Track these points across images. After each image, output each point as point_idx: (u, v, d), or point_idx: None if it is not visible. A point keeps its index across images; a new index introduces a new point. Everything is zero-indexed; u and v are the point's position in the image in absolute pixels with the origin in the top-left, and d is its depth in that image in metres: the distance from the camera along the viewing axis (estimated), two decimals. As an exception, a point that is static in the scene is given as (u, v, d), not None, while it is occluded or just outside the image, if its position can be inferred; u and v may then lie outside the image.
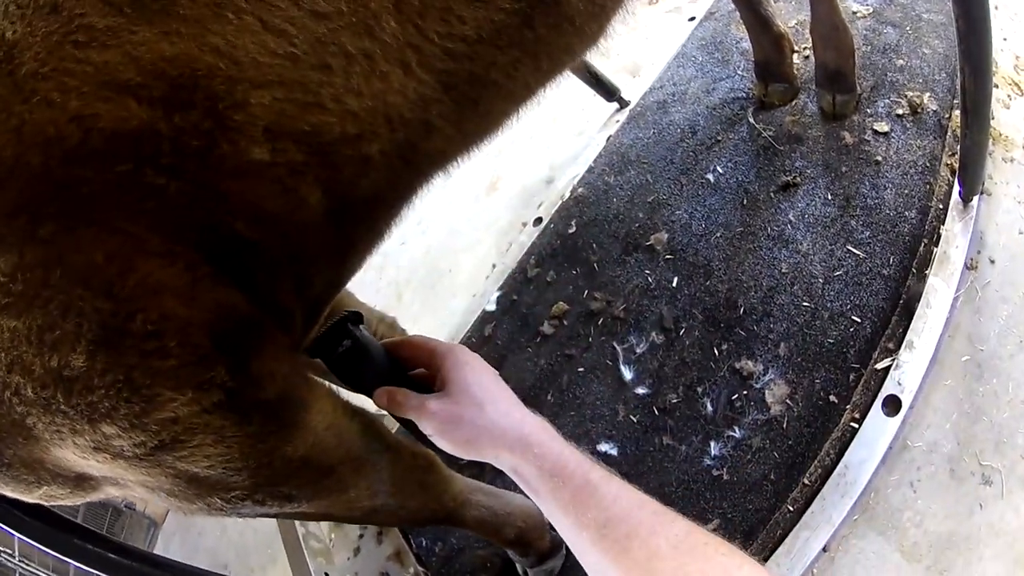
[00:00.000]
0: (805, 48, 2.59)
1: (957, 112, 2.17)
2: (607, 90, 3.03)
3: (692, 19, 3.15)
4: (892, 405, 1.87)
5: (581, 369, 2.39)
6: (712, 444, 2.03)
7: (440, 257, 3.40)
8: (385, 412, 1.32)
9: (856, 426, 1.89)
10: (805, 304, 2.10)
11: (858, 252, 2.11)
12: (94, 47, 0.87)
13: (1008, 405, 1.81)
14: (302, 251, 1.13)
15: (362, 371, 1.29)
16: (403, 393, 1.22)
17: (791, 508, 1.86)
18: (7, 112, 0.87)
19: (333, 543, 2.63)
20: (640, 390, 2.23)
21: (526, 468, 1.10)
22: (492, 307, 2.79)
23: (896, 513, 1.81)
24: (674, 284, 2.37)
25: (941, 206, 2.10)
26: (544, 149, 3.30)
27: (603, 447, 2.19)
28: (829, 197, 2.25)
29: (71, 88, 0.87)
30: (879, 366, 1.94)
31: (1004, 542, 1.68)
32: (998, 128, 2.19)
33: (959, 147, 2.00)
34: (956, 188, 2.07)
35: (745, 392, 2.06)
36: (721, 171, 2.51)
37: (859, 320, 2.02)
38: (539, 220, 2.95)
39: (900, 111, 2.31)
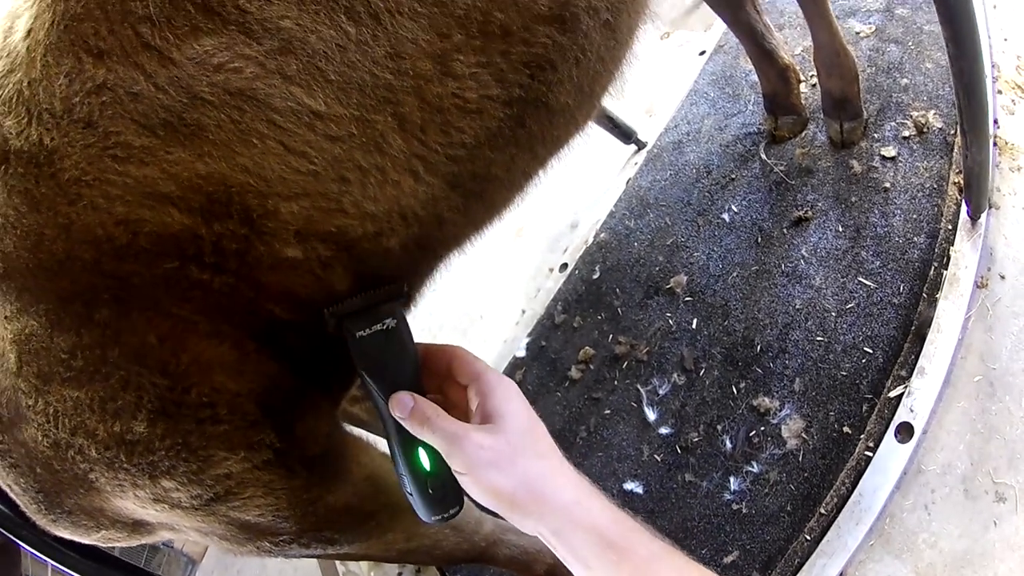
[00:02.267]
0: (812, 76, 2.61)
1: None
2: (624, 133, 3.10)
3: (702, 53, 3.19)
4: (905, 432, 1.91)
5: (607, 412, 2.47)
6: (732, 479, 2.10)
7: (471, 303, 3.47)
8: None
9: (870, 455, 1.93)
10: (819, 338, 2.16)
11: (869, 283, 2.16)
12: (132, 162, 0.99)
13: (1021, 421, 1.84)
14: None
15: (391, 362, 1.13)
16: (436, 408, 1.08)
17: (808, 537, 1.92)
18: (54, 211, 1.00)
19: None
20: (663, 430, 2.31)
21: (576, 536, 1.01)
22: (522, 353, 2.87)
23: (911, 536, 1.84)
24: (694, 325, 2.44)
25: (950, 226, 2.13)
26: (567, 194, 3.36)
27: (629, 485, 2.27)
28: (840, 229, 2.30)
29: (115, 196, 1.00)
30: (892, 394, 1.97)
31: (1020, 556, 1.71)
32: (1003, 136, 2.20)
33: (963, 165, 2.01)
34: (964, 207, 2.09)
35: (763, 428, 2.12)
36: (736, 210, 2.58)
37: (871, 351, 2.06)
38: (564, 266, 3.04)
39: (906, 133, 2.35)
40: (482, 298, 3.46)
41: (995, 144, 2.13)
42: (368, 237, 1.14)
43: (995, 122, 2.18)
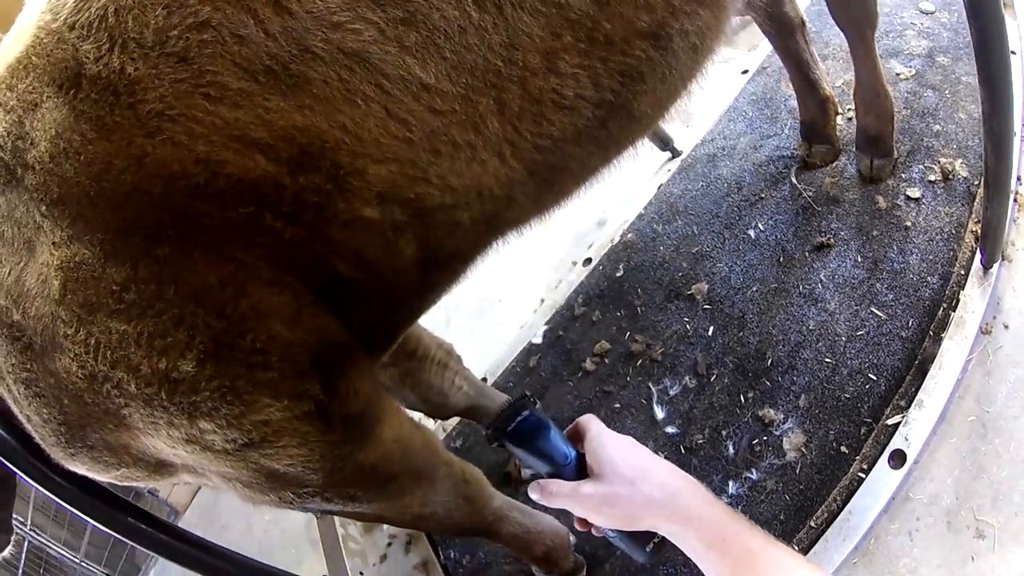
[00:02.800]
0: (849, 110, 2.65)
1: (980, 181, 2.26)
2: (661, 140, 3.14)
3: (745, 72, 3.23)
4: (898, 459, 1.97)
5: (617, 406, 2.54)
6: (731, 483, 2.17)
7: (491, 287, 3.51)
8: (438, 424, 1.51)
9: (863, 476, 1.99)
10: (827, 360, 2.22)
11: (880, 314, 2.22)
12: (225, 104, 1.05)
13: (1008, 464, 1.87)
14: (392, 290, 1.32)
15: (539, 442, 1.39)
16: (555, 484, 1.29)
17: (796, 548, 1.97)
18: (128, 141, 1.05)
19: (362, 544, 2.77)
20: (670, 429, 2.38)
21: (686, 537, 1.17)
22: (539, 340, 2.93)
23: (893, 559, 1.89)
24: (710, 332, 2.51)
25: (963, 272, 2.17)
26: (597, 192, 3.35)
27: (632, 479, 2.33)
28: (859, 259, 2.36)
29: (199, 134, 1.05)
30: (889, 422, 2.03)
31: None
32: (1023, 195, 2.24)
33: (982, 216, 2.07)
34: (978, 255, 2.13)
35: (765, 438, 2.19)
36: (762, 228, 2.64)
37: (875, 378, 2.12)
38: (588, 260, 3.10)
39: (932, 177, 2.39)
40: (502, 283, 3.50)
41: (1015, 200, 2.18)
42: (444, 208, 1.21)
43: (1018, 179, 2.21)
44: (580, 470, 1.34)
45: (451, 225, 1.25)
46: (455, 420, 2.84)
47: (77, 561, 4.32)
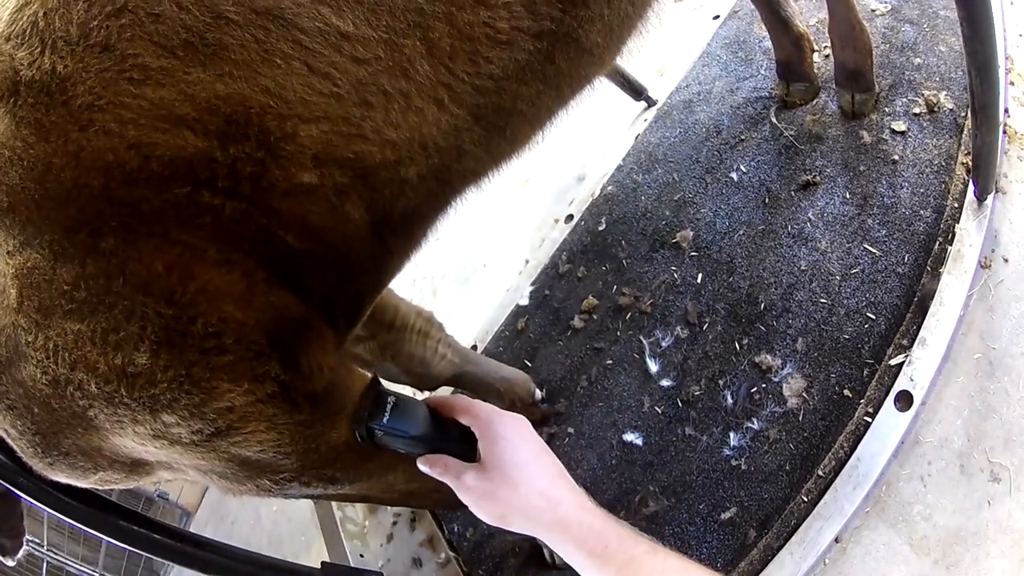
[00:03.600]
0: (825, 47, 2.63)
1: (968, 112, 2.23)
2: (635, 89, 3.10)
3: (716, 17, 3.18)
4: (904, 400, 1.92)
5: (609, 362, 2.50)
6: (732, 435, 2.12)
7: (474, 252, 3.50)
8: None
9: (869, 420, 1.95)
10: (822, 301, 2.17)
11: (874, 250, 2.17)
12: (149, 84, 1.00)
13: (1018, 403, 1.84)
14: (346, 258, 1.27)
15: (411, 429, 1.29)
16: (445, 461, 1.26)
17: (805, 499, 1.94)
18: (64, 139, 1.01)
19: (367, 529, 2.75)
20: (665, 382, 2.33)
21: (564, 546, 1.13)
22: (525, 301, 2.89)
23: (907, 506, 1.86)
24: (698, 280, 2.45)
25: (956, 204, 2.13)
26: (574, 146, 3.37)
27: (628, 437, 2.30)
28: (847, 196, 2.32)
29: (128, 120, 1.01)
30: (893, 362, 1.99)
31: (1011, 539, 1.71)
32: (1013, 126, 2.20)
33: (972, 146, 2.01)
34: (971, 187, 2.10)
35: (764, 385, 2.14)
36: (744, 170, 2.59)
37: (874, 317, 2.08)
38: (570, 217, 3.05)
39: (917, 110, 2.35)
40: (485, 247, 3.48)
41: (1004, 132, 2.15)
42: (387, 165, 1.16)
43: (1006, 111, 2.19)
44: (470, 444, 1.29)
45: (398, 183, 1.21)
46: (447, 390, 2.74)
47: (96, 574, 4.33)
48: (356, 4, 1.03)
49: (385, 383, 1.44)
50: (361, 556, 2.60)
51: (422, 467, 1.27)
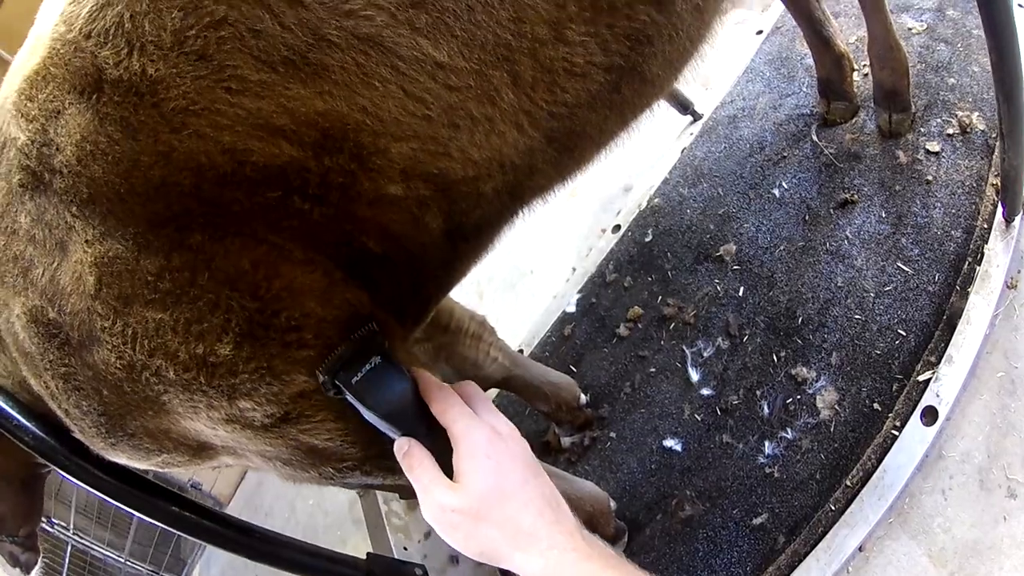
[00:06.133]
0: (864, 66, 2.63)
1: (1001, 134, 2.24)
2: (681, 103, 3.13)
3: (759, 32, 3.20)
4: (930, 415, 1.96)
5: (652, 370, 2.56)
6: (767, 444, 2.18)
7: (522, 258, 3.55)
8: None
9: (896, 433, 1.99)
10: (857, 317, 2.22)
11: (907, 269, 2.21)
12: (247, 95, 1.07)
13: None
14: (420, 263, 1.35)
15: (387, 396, 1.16)
16: (422, 457, 1.14)
17: (833, 507, 1.98)
18: (154, 139, 1.07)
19: (407, 522, 2.79)
20: (705, 391, 2.39)
21: None
22: (572, 308, 2.95)
23: (928, 519, 1.89)
24: (740, 293, 2.51)
25: (985, 225, 2.15)
26: (621, 158, 3.35)
27: (668, 443, 2.37)
28: (883, 215, 2.35)
29: (224, 126, 1.07)
30: (920, 378, 2.02)
31: (1023, 555, 1.75)
32: None
33: (1000, 168, 2.04)
34: (999, 208, 2.11)
35: (799, 397, 2.19)
36: (786, 186, 2.63)
37: (904, 333, 2.12)
38: (617, 227, 3.10)
39: (951, 131, 2.38)
40: (533, 254, 3.52)
41: None
42: (467, 180, 1.24)
43: None
44: (444, 441, 1.14)
45: (475, 197, 1.28)
46: (493, 392, 2.84)
47: (122, 560, 4.35)
48: (452, 38, 1.10)
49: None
50: (405, 549, 2.65)
51: (396, 451, 1.18)
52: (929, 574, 1.85)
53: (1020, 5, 2.32)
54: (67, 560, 4.06)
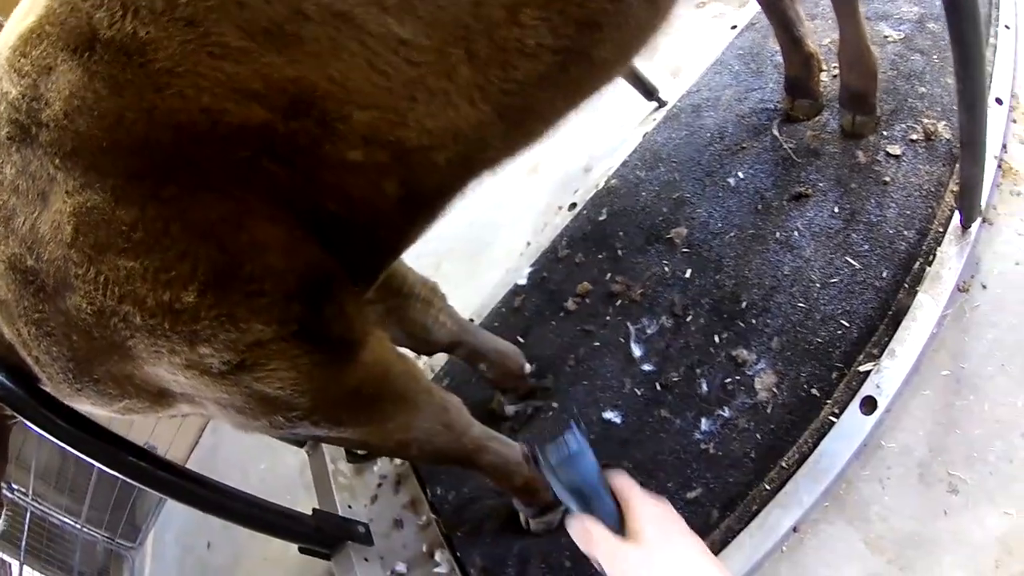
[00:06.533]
0: (834, 67, 2.65)
1: (967, 145, 2.27)
2: (647, 89, 3.17)
3: (734, 27, 3.23)
4: (869, 405, 1.99)
5: (597, 344, 2.57)
6: (703, 420, 2.20)
7: (480, 231, 3.56)
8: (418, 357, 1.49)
9: (834, 420, 2.02)
10: (800, 305, 2.24)
11: (855, 263, 2.23)
12: (228, 60, 1.13)
13: (982, 422, 1.89)
14: (376, 227, 1.41)
15: (577, 478, 1.23)
16: (598, 530, 1.18)
17: (767, 487, 2.02)
18: (139, 96, 1.13)
19: (354, 487, 2.83)
20: (646, 367, 2.41)
21: None
22: (523, 281, 2.96)
23: (865, 505, 1.92)
24: (687, 275, 2.52)
25: (941, 229, 2.19)
26: (584, 139, 3.42)
27: (608, 415, 2.38)
28: (836, 210, 2.37)
29: (204, 87, 1.13)
30: (862, 368, 2.06)
31: (967, 552, 1.76)
32: (1009, 162, 2.26)
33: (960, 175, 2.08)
34: (957, 214, 2.14)
35: (738, 377, 2.22)
36: (742, 176, 2.64)
37: (848, 325, 2.14)
38: (573, 205, 3.12)
39: (914, 136, 2.40)
40: (490, 228, 3.54)
41: (1000, 167, 2.22)
42: (422, 150, 1.30)
43: (1004, 147, 2.26)
44: (618, 517, 1.23)
45: (429, 166, 1.34)
46: (443, 359, 2.91)
47: (79, 527, 4.33)
48: (416, 18, 1.16)
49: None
50: (350, 507, 2.66)
51: (569, 528, 1.23)
52: (866, 560, 1.87)
53: (1008, 27, 2.41)
54: (26, 527, 4.04)
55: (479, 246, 3.53)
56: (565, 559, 2.21)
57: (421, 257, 1.79)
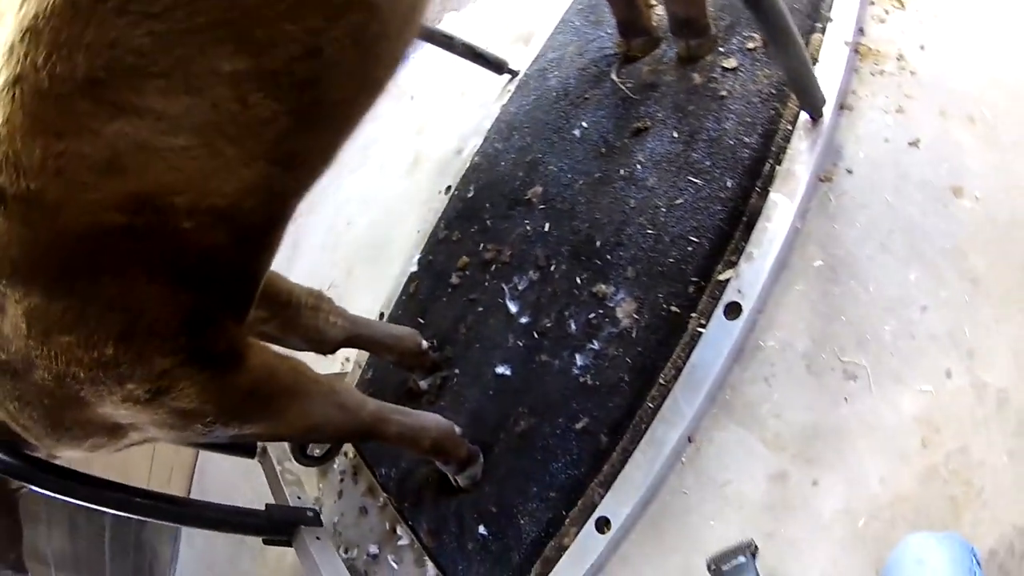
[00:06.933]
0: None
1: (815, 36, 2.31)
2: (496, 65, 3.24)
3: None
4: (734, 311, 2.08)
5: (480, 309, 2.70)
6: (578, 356, 2.32)
7: (379, 230, 3.68)
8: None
9: (702, 331, 2.11)
10: (649, 232, 2.33)
11: (698, 181, 2.31)
12: (88, 190, 1.42)
13: (869, 304, 1.94)
14: (226, 266, 1.68)
15: None
16: None
17: (650, 405, 2.13)
18: (44, 225, 1.44)
19: (322, 490, 3.05)
20: (523, 319, 2.54)
21: None
22: (415, 268, 3.11)
23: (753, 407, 2.00)
24: (546, 229, 2.63)
25: (789, 127, 2.23)
26: (454, 123, 3.55)
27: (500, 369, 2.53)
28: (675, 135, 2.44)
29: (82, 209, 1.43)
30: (721, 277, 2.15)
31: (882, 436, 1.81)
32: (867, 44, 2.29)
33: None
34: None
35: (600, 311, 2.33)
36: (585, 126, 2.73)
37: (697, 240, 2.22)
38: (448, 188, 3.22)
39: (751, 45, 2.43)
40: (388, 226, 3.66)
41: (856, 51, 2.27)
42: (232, 206, 1.56)
43: (860, 30, 2.31)
44: None
45: (243, 214, 1.58)
46: (367, 355, 3.07)
47: None
48: (185, 132, 1.42)
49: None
50: (299, 499, 2.80)
51: None
52: (768, 459, 1.94)
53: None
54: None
55: (381, 244, 3.64)
56: (491, 506, 2.34)
57: (335, 265, 1.88)
